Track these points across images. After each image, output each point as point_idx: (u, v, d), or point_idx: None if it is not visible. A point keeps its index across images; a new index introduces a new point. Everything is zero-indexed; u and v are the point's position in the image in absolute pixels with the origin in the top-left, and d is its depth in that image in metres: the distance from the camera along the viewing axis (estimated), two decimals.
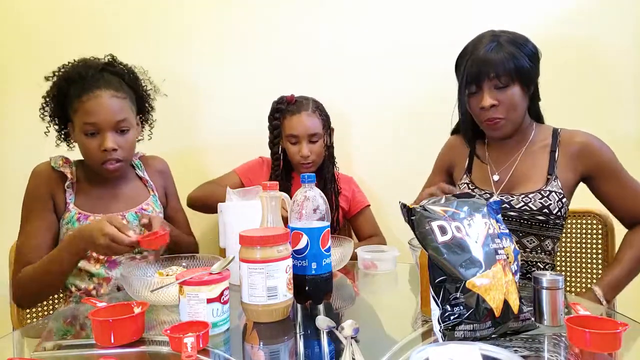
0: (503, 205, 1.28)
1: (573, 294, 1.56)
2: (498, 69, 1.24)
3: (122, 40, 1.79)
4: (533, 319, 0.88)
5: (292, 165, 1.76)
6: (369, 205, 1.83)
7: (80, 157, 1.38)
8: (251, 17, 1.95)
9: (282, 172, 1.73)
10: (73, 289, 1.34)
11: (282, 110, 1.71)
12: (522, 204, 1.29)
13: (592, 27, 1.88)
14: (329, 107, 1.76)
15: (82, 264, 1.30)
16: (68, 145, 1.42)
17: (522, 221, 1.30)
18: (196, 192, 1.73)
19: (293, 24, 1.97)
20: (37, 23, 1.87)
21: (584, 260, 1.58)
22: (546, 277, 0.89)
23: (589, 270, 1.57)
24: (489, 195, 1.34)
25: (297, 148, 1.69)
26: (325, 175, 1.74)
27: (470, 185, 1.41)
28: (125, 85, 1.37)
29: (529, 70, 1.27)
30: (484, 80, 1.27)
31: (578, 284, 1.59)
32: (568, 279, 1.60)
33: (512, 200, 1.30)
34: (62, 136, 1.41)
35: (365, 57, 1.97)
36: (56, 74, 1.35)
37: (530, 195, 1.29)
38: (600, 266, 1.56)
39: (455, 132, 1.53)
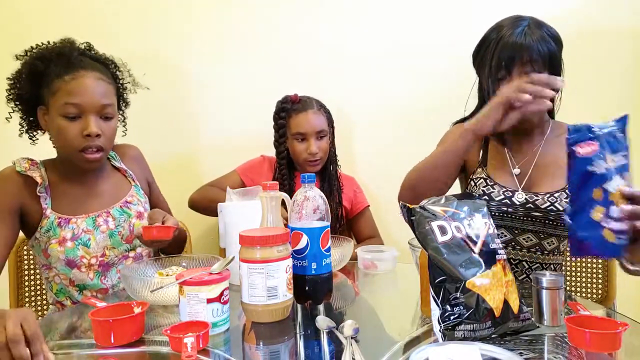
0: (527, 205, 1.23)
1: (574, 293, 1.56)
2: (532, 52, 1.18)
3: (122, 40, 1.78)
4: (533, 319, 0.88)
5: (295, 165, 1.76)
6: (369, 206, 1.84)
7: (46, 157, 1.29)
8: (251, 17, 1.95)
9: (286, 171, 1.73)
10: (68, 302, 1.28)
11: (287, 109, 1.71)
12: (548, 203, 1.22)
13: (593, 26, 1.89)
14: (329, 107, 1.76)
15: (74, 274, 1.24)
16: (31, 138, 1.30)
17: (546, 222, 1.24)
18: (197, 195, 1.73)
19: (293, 24, 1.97)
20: (37, 23, 1.87)
21: (585, 260, 1.59)
22: (546, 277, 0.88)
23: (589, 270, 1.58)
24: (511, 193, 1.26)
25: (304, 146, 1.68)
26: (330, 173, 1.75)
27: (487, 180, 1.30)
28: (109, 72, 1.29)
29: (558, 56, 1.23)
30: (515, 65, 1.20)
31: (578, 283, 1.59)
32: (568, 278, 1.60)
33: (537, 199, 1.23)
34: (27, 124, 1.28)
35: (365, 57, 1.97)
36: (29, 53, 1.24)
37: (555, 195, 1.23)
38: (599, 265, 1.56)
39: (459, 122, 1.43)
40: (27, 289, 1.51)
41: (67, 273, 1.25)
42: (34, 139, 1.31)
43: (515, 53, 1.19)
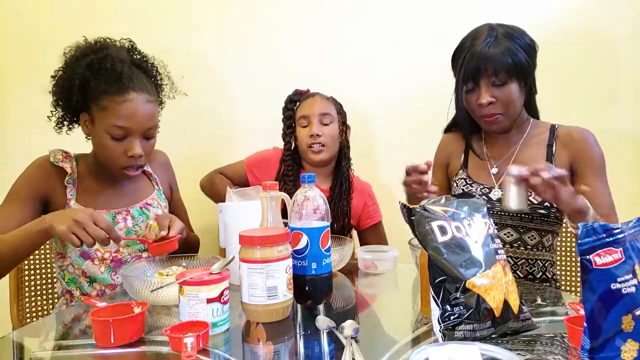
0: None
1: (573, 293, 1.56)
2: (496, 64, 1.23)
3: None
4: (532, 319, 0.88)
5: (302, 164, 1.70)
6: (381, 221, 1.77)
7: (81, 152, 1.35)
8: (251, 17, 1.95)
9: (292, 162, 1.67)
10: (77, 293, 1.30)
11: (296, 100, 1.70)
12: None
13: (593, 24, 1.88)
14: None
15: (86, 265, 1.27)
16: (64, 130, 1.32)
17: (522, 215, 1.30)
18: (204, 181, 1.76)
19: (293, 24, 1.97)
20: (37, 23, 1.87)
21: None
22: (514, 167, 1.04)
23: None
24: (488, 190, 1.34)
25: (307, 130, 1.64)
26: (343, 175, 1.68)
27: (467, 180, 1.40)
28: (152, 84, 1.31)
29: (526, 64, 1.26)
30: (481, 77, 1.26)
31: (575, 281, 1.59)
32: (567, 276, 1.60)
33: None
34: (67, 121, 1.31)
35: (365, 57, 1.97)
36: (74, 53, 1.25)
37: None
38: None
39: (447, 130, 1.54)
40: (27, 288, 1.51)
41: (79, 264, 1.28)
42: (67, 132, 1.33)
43: (479, 64, 1.25)
